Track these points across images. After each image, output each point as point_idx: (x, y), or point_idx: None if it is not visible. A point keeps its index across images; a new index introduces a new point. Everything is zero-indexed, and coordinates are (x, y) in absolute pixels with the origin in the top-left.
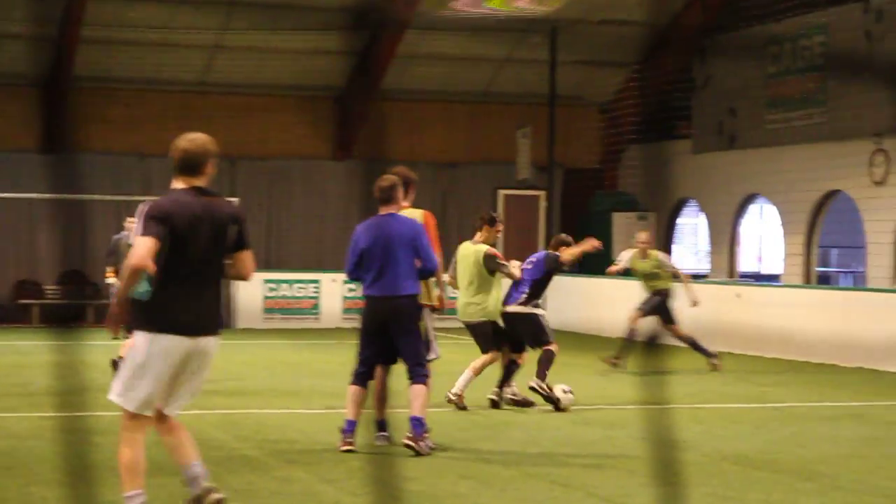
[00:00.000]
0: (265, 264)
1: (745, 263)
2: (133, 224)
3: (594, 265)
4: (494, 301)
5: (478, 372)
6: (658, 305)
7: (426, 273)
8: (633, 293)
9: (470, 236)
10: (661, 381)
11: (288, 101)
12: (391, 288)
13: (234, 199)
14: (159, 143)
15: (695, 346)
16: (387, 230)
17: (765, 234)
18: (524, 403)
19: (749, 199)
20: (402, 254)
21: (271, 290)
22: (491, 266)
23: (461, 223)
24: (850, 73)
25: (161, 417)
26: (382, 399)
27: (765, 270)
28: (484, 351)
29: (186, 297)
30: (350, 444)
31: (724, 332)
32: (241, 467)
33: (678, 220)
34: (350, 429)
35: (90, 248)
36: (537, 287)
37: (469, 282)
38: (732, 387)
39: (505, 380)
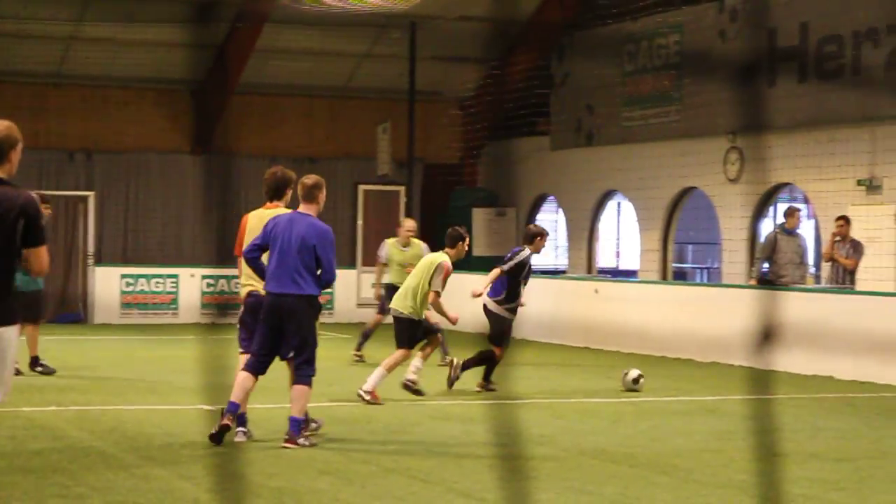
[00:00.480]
0: (122, 259)
1: (604, 259)
2: None
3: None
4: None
5: (390, 369)
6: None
7: (322, 283)
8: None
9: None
10: (511, 376)
11: (145, 94)
12: (288, 286)
13: (90, 193)
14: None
15: (365, 337)
16: (297, 228)
17: (622, 231)
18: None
19: (607, 195)
20: (304, 255)
21: (129, 285)
22: (434, 280)
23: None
24: (705, 71)
25: None
26: (246, 393)
27: (622, 266)
28: (399, 346)
29: None
30: (228, 421)
31: (583, 327)
32: (98, 464)
33: (537, 216)
34: (232, 409)
35: None
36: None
37: (416, 281)
38: (590, 382)
39: (488, 373)
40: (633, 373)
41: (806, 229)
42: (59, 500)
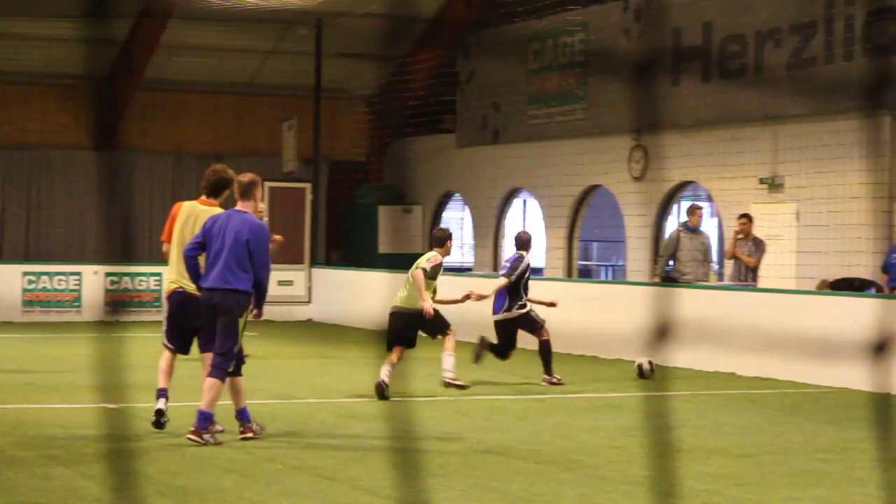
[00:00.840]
0: (24, 256)
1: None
2: None
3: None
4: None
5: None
6: None
7: (256, 281)
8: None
9: None
10: (416, 374)
11: (48, 90)
12: (219, 280)
13: None
14: None
15: None
16: (232, 225)
17: (528, 229)
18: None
19: (512, 193)
20: (237, 251)
21: (30, 282)
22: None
23: None
24: (610, 70)
25: None
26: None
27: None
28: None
29: None
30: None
31: (488, 324)
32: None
33: (443, 214)
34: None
35: None
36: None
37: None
38: (496, 379)
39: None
40: (644, 360)
41: (709, 227)
42: None
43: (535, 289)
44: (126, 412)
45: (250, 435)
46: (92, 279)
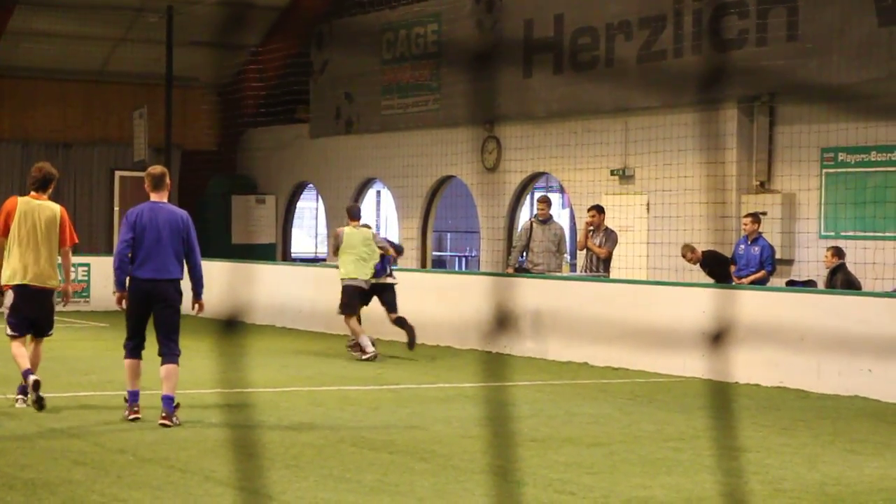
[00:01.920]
0: None
1: None
2: None
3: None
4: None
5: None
6: None
7: (194, 270)
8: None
9: (88, 216)
10: (270, 364)
11: None
12: (159, 271)
13: None
14: None
15: None
16: (162, 216)
17: (382, 219)
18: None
19: (366, 183)
20: (175, 242)
21: None
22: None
23: (77, 203)
24: (463, 61)
25: None
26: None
27: None
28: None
29: None
30: (136, 412)
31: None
32: None
33: (298, 204)
34: (134, 398)
35: None
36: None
37: (364, 255)
38: (349, 369)
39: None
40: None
41: (562, 218)
42: None
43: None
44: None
45: (166, 423)
46: None
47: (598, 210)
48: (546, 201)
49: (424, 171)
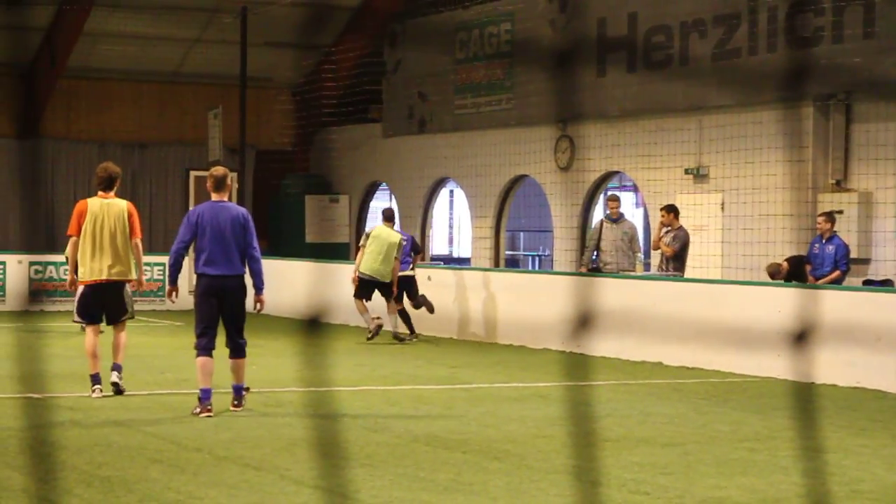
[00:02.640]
0: None
1: (437, 246)
2: None
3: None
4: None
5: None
6: None
7: (253, 260)
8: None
9: (164, 216)
10: (343, 364)
11: None
12: (225, 267)
13: None
14: None
15: None
16: (224, 215)
17: (455, 218)
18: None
19: (439, 183)
20: (238, 239)
21: None
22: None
23: (152, 204)
24: (536, 60)
25: None
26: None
27: (456, 253)
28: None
29: None
30: (209, 409)
31: (416, 314)
32: None
33: (371, 204)
34: (207, 396)
35: None
36: None
37: (384, 255)
38: (423, 369)
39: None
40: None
41: (636, 217)
42: None
43: (463, 279)
44: (49, 402)
45: (239, 409)
46: (16, 269)
47: (669, 209)
48: (616, 199)
49: (497, 170)
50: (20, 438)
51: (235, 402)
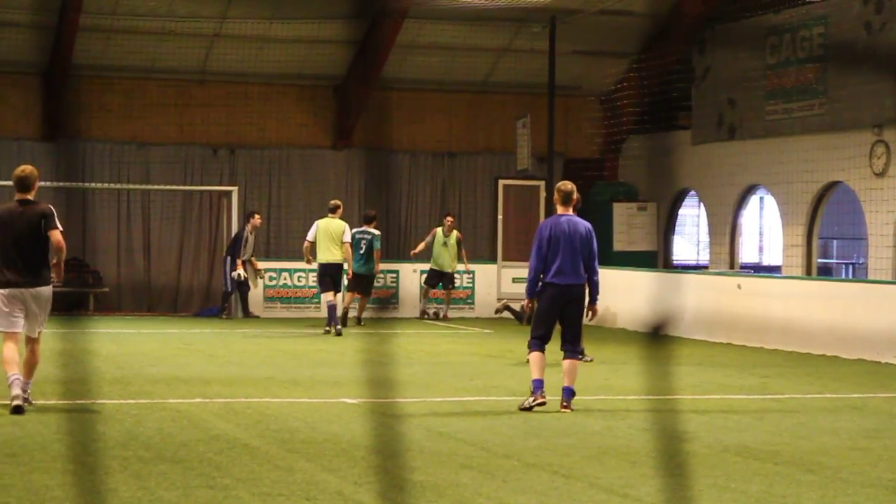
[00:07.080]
0: (265, 253)
1: (747, 254)
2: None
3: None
4: None
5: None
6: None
7: (593, 270)
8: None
9: (472, 224)
10: (666, 372)
11: (287, 90)
12: (571, 277)
13: (233, 188)
14: (158, 132)
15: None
16: (571, 229)
17: (766, 225)
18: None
19: (749, 190)
20: (584, 252)
21: (272, 279)
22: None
23: (462, 212)
24: (851, 64)
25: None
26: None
27: (766, 261)
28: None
29: None
30: (543, 398)
31: (725, 323)
32: (243, 456)
33: (679, 211)
34: (539, 386)
35: (90, 235)
36: None
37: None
38: (734, 378)
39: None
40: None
41: None
42: (206, 491)
43: (774, 287)
44: (365, 407)
45: (567, 409)
46: None
47: None
48: None
49: (809, 176)
50: (336, 442)
51: (565, 404)
